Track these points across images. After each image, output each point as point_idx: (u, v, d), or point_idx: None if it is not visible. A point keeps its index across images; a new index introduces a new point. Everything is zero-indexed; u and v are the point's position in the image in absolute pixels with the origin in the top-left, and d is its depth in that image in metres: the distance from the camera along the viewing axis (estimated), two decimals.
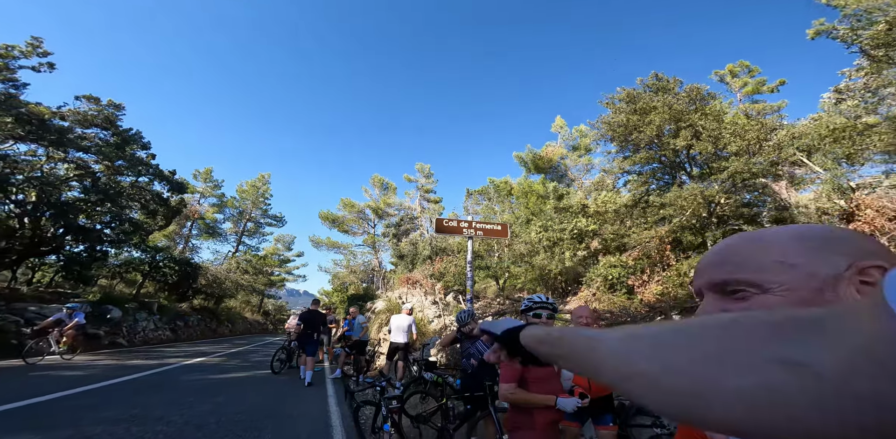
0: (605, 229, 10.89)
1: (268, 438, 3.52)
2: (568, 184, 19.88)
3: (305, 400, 5.33)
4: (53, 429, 3.32)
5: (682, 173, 10.74)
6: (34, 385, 5.24)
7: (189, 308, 20.21)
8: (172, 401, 4.68)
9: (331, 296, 25.21)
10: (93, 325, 11.70)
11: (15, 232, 12.55)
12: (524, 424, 2.04)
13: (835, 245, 0.44)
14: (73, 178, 13.62)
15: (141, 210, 15.69)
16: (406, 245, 20.68)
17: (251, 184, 34.16)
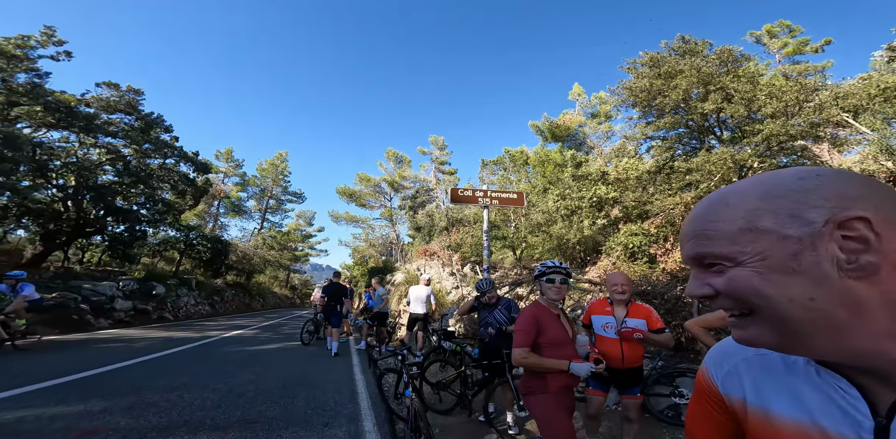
0: (626, 197, 10.55)
1: (300, 404, 3.84)
2: (587, 152, 19.45)
3: (333, 370, 5.72)
4: (119, 396, 3.77)
5: (711, 138, 10.29)
6: (98, 356, 5.85)
7: (223, 283, 21.35)
8: (216, 371, 5.18)
9: (352, 270, 26.06)
10: (141, 301, 12.65)
11: (61, 214, 13.39)
12: (538, 388, 2.04)
13: (807, 197, 0.40)
14: (105, 162, 14.28)
15: (171, 191, 16.35)
16: (422, 217, 20.75)
17: (270, 163, 34.81)
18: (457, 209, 18.23)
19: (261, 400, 3.91)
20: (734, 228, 0.43)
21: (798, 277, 0.40)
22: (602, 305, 2.82)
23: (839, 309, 0.39)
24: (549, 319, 2.09)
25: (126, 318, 11.27)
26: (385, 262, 23.42)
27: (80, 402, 3.54)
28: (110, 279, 12.81)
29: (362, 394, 4.37)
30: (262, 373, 5.17)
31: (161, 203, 15.62)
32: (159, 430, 2.91)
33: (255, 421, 3.24)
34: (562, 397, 2.02)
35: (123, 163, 14.34)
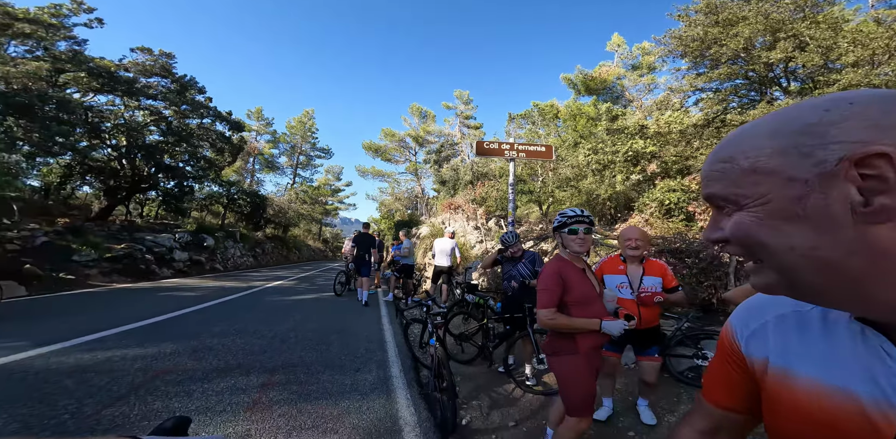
0: (667, 151, 9.99)
1: (335, 351, 4.19)
2: (625, 105, 18.13)
3: (363, 320, 6.09)
4: (184, 340, 4.28)
5: (775, 89, 9.44)
6: (165, 303, 6.56)
7: (263, 236, 22.63)
8: (262, 319, 5.71)
9: (379, 224, 26.79)
10: (195, 253, 13.77)
11: (118, 172, 14.44)
12: (565, 349, 1.91)
13: (826, 132, 0.35)
14: (150, 123, 15.00)
15: (210, 148, 17.10)
16: (447, 171, 20.56)
17: (298, 120, 35.25)
18: (482, 163, 17.78)
19: (300, 346, 4.30)
20: (738, 169, 0.39)
21: (802, 224, 0.36)
22: (614, 264, 2.61)
23: (853, 258, 0.35)
24: (575, 274, 1.92)
25: (184, 268, 12.42)
26: (410, 216, 23.74)
27: (153, 345, 4.03)
28: (167, 231, 13.91)
29: (390, 343, 4.64)
30: (300, 322, 5.65)
31: (203, 160, 16.49)
32: (218, 371, 3.34)
33: (296, 365, 3.64)
34: (590, 358, 1.91)
35: (166, 124, 15.07)
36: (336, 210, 40.80)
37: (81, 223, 11.74)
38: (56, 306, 6.03)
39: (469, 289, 4.67)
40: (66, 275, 8.46)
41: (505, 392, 3.34)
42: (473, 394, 3.26)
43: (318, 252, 34.58)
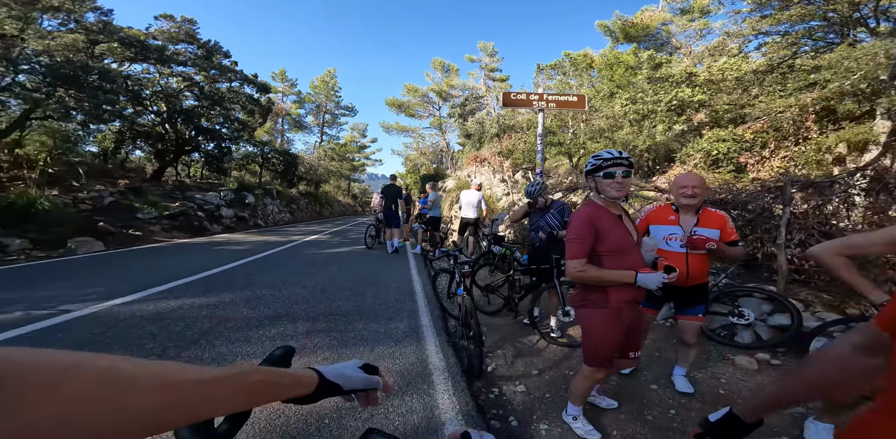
0: (718, 99, 8.89)
1: (369, 300, 4.23)
2: (670, 52, 15.97)
3: (393, 271, 6.04)
4: (238, 290, 4.45)
5: (860, 31, 8.18)
6: (219, 256, 6.81)
7: (297, 193, 22.85)
8: (303, 271, 5.86)
9: (405, 178, 26.60)
10: (239, 209, 14.09)
11: (164, 136, 14.50)
12: (594, 301, 1.69)
13: None
14: (184, 89, 14.68)
15: (242, 110, 16.80)
16: (472, 124, 19.34)
17: (321, 80, 33.71)
18: (509, 115, 16.49)
19: (337, 296, 4.38)
20: None
21: None
22: (664, 213, 2.20)
23: None
24: (609, 222, 1.65)
25: (231, 224, 12.80)
26: (436, 170, 23.00)
27: (214, 294, 4.20)
28: (213, 190, 14.18)
29: (419, 294, 4.60)
30: (336, 273, 5.75)
31: (236, 122, 16.29)
32: (270, 319, 3.48)
33: (334, 313, 3.74)
34: (622, 313, 1.66)
35: (199, 89, 14.73)
36: (363, 166, 40.53)
37: (140, 184, 12.01)
38: (130, 259, 6.38)
39: (496, 240, 4.43)
40: (134, 231, 8.84)
41: (529, 343, 3.30)
42: (498, 344, 3.25)
43: (348, 207, 34.95)
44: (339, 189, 36.81)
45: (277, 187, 19.87)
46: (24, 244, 6.56)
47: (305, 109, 34.22)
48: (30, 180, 8.82)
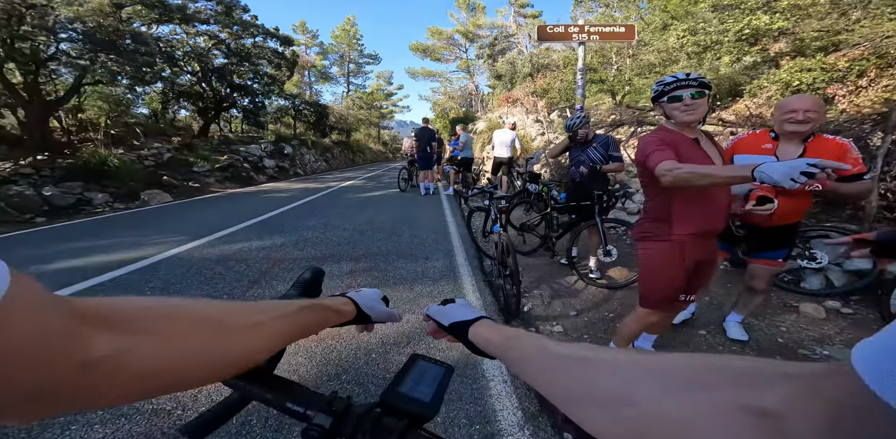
0: (805, 26, 7.08)
1: (405, 240, 4.15)
2: None
3: (427, 213, 5.83)
4: (288, 233, 4.45)
5: None
6: (267, 204, 6.83)
7: (330, 142, 22.36)
8: (341, 214, 5.79)
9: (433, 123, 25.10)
10: (279, 160, 14.02)
11: (202, 94, 14.11)
12: (656, 233, 1.43)
13: None
14: (212, 48, 13.80)
15: (269, 65, 15.80)
16: (503, 64, 17.13)
17: (341, 29, 30.59)
18: (542, 54, 14.34)
19: (376, 237, 4.30)
20: None
21: None
22: (758, 140, 1.65)
23: None
24: (686, 145, 1.34)
25: (274, 174, 12.85)
26: (465, 113, 21.26)
27: (268, 238, 4.23)
28: (254, 143, 14.06)
29: (454, 234, 4.43)
30: (373, 216, 5.64)
31: (265, 76, 15.46)
32: (317, 260, 3.47)
33: (375, 254, 3.67)
34: (686, 247, 1.38)
35: (225, 46, 13.82)
36: (391, 113, 38.60)
37: (190, 140, 12.00)
38: (194, 208, 6.54)
39: (531, 178, 3.98)
40: (193, 183, 9.03)
41: (567, 283, 3.04)
42: (535, 285, 3.02)
43: (379, 154, 34.31)
44: (369, 137, 35.76)
45: (311, 137, 19.47)
46: (106, 198, 6.84)
47: (329, 60, 31.88)
48: (97, 141, 8.97)
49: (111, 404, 0.23)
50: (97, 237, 4.32)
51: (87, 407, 0.25)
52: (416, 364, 0.42)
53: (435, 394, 0.38)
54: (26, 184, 6.34)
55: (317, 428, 0.33)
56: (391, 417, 0.34)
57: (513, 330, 0.40)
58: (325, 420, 0.34)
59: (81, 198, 6.58)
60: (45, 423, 1.43)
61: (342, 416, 0.34)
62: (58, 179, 6.76)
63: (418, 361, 0.43)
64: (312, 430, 0.33)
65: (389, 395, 0.37)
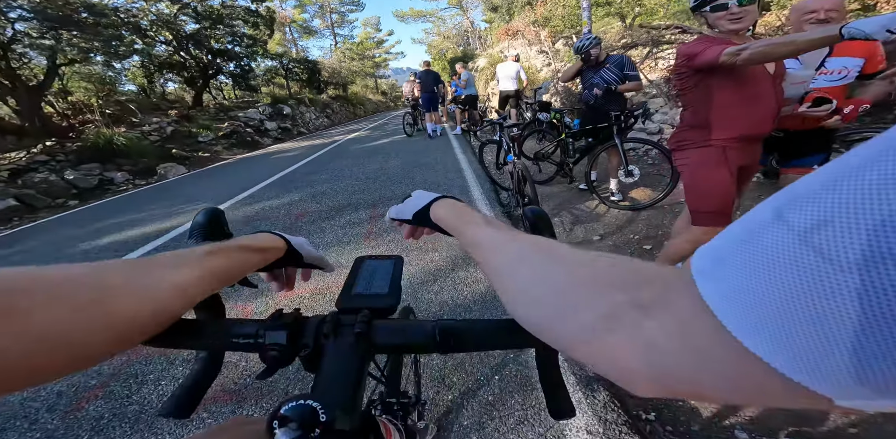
0: None
1: (419, 182, 4.04)
2: None
3: (438, 154, 5.67)
4: (303, 189, 4.42)
5: None
6: (277, 164, 6.74)
7: (328, 98, 21.23)
8: (352, 164, 5.67)
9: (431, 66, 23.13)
10: (280, 121, 13.55)
11: (184, 63, 13.19)
12: (693, 140, 1.34)
13: None
14: (178, 13, 12.36)
15: (245, 25, 14.35)
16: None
17: None
18: None
19: (389, 182, 4.23)
20: None
21: None
22: None
23: None
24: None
25: (278, 136, 12.52)
26: (463, 52, 19.57)
27: (285, 195, 4.23)
28: (251, 107, 13.51)
29: (467, 171, 4.35)
30: (383, 162, 5.51)
31: (245, 38, 14.18)
32: (336, 210, 3.44)
33: (390, 198, 3.61)
34: (729, 153, 1.28)
35: (192, 10, 12.40)
36: (385, 61, 35.59)
37: (187, 112, 11.64)
38: (210, 176, 6.57)
39: (542, 107, 3.77)
40: (202, 153, 8.97)
41: (587, 208, 2.92)
42: (554, 212, 2.90)
43: (380, 104, 32.44)
44: (367, 88, 33.54)
45: (308, 95, 18.47)
46: (125, 176, 6.95)
47: (309, 13, 28.53)
48: (97, 122, 8.84)
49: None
50: (130, 212, 4.45)
51: None
52: (363, 265, 0.40)
53: (391, 285, 0.35)
54: (47, 170, 6.46)
55: (274, 347, 0.28)
56: (351, 315, 0.31)
57: (470, 213, 0.39)
58: (279, 335, 0.29)
59: (103, 178, 6.70)
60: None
61: (297, 328, 0.30)
62: (74, 163, 6.84)
63: (365, 262, 0.40)
64: (270, 350, 0.28)
65: (344, 300, 0.34)
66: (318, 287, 2.05)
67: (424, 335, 0.30)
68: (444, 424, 1.15)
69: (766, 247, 0.12)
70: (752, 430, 1.06)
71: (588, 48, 2.74)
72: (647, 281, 0.19)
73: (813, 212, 0.11)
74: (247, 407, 1.31)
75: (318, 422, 0.22)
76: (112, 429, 1.27)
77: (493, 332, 0.30)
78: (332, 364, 0.28)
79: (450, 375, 1.37)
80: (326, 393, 0.26)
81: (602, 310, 0.19)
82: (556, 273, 0.24)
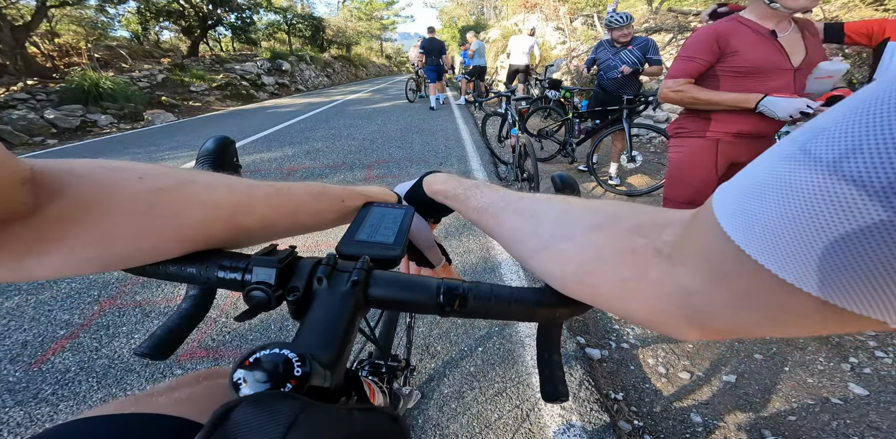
0: None
1: (418, 148, 3.84)
2: None
3: (439, 121, 5.40)
4: (297, 144, 4.13)
5: None
6: (272, 118, 6.28)
7: (330, 57, 19.80)
8: (350, 124, 5.31)
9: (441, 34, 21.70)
10: (278, 77, 12.62)
11: (183, 12, 12.10)
12: (690, 129, 1.29)
13: None
14: None
15: None
16: None
17: None
18: None
19: (387, 145, 3.99)
20: None
21: None
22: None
23: None
24: (750, 38, 1.09)
25: (275, 91, 11.71)
26: (476, 21, 18.28)
27: (278, 149, 3.96)
28: (249, 61, 12.49)
29: (467, 141, 4.14)
30: (382, 125, 5.19)
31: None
32: (330, 168, 3.22)
33: (387, 160, 3.40)
34: (720, 146, 1.22)
35: None
36: (393, 24, 32.83)
37: (181, 61, 10.69)
38: (201, 125, 6.08)
39: (552, 85, 3.52)
40: (193, 102, 8.34)
41: (584, 190, 2.78)
42: (551, 190, 2.73)
43: (383, 68, 30.46)
44: (371, 50, 31.30)
45: (310, 53, 17.14)
46: (110, 119, 6.42)
47: None
48: (84, 65, 8.18)
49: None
50: (111, 154, 4.12)
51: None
52: (371, 210, 0.35)
53: (397, 235, 0.31)
54: (26, 108, 5.89)
55: (260, 286, 0.24)
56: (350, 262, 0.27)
57: (469, 180, 0.36)
58: (268, 273, 0.24)
59: (86, 119, 6.17)
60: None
61: (288, 268, 0.25)
62: (56, 103, 6.27)
63: (372, 208, 0.35)
64: (255, 289, 0.24)
65: (345, 245, 0.30)
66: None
67: (427, 292, 0.25)
68: (425, 391, 1.11)
69: (794, 183, 0.11)
70: (705, 414, 1.08)
71: (622, 25, 2.49)
72: (664, 224, 0.18)
73: (840, 142, 0.10)
74: (224, 364, 1.22)
75: (291, 375, 0.18)
76: (78, 384, 1.15)
77: (504, 299, 0.25)
78: (321, 312, 0.24)
79: (434, 344, 1.29)
80: (308, 344, 0.22)
81: (627, 259, 0.18)
82: (576, 224, 0.22)
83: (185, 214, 0.23)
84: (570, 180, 0.36)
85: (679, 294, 0.16)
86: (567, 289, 0.22)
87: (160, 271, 0.25)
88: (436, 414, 1.05)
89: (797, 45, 1.10)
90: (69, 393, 1.13)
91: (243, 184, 0.27)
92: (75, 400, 1.10)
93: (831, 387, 1.16)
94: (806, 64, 1.11)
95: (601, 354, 1.29)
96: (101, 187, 0.21)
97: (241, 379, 0.18)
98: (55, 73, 7.70)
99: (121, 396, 1.12)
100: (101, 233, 0.20)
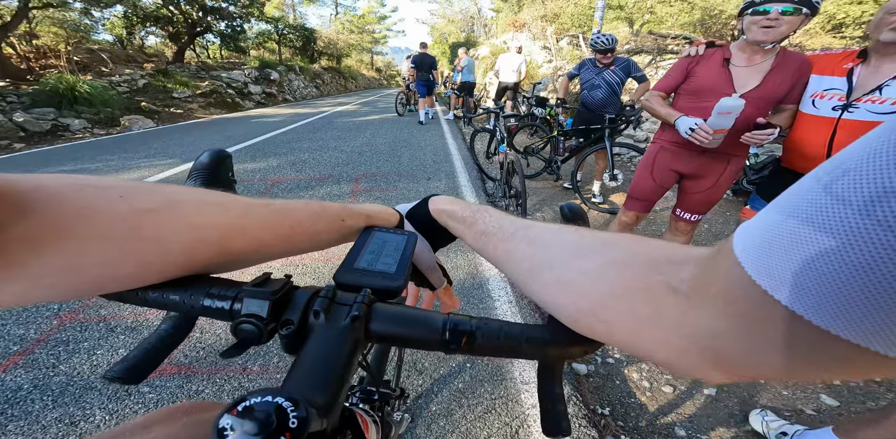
0: None
1: (406, 162, 3.87)
2: None
3: (427, 136, 5.49)
4: (283, 155, 4.10)
5: None
6: (257, 128, 6.24)
7: (320, 68, 20.04)
8: (338, 137, 5.33)
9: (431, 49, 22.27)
10: (266, 86, 12.64)
11: (171, 18, 12.09)
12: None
13: None
14: None
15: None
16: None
17: None
18: None
19: (375, 158, 4.01)
20: None
21: None
22: (835, 61, 1.13)
23: None
24: (710, 64, 1.28)
25: (261, 100, 11.69)
26: (466, 38, 18.78)
27: (263, 160, 3.91)
28: (236, 69, 12.48)
29: (455, 156, 4.20)
30: (371, 138, 5.24)
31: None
32: (316, 180, 3.20)
33: (375, 174, 3.41)
34: (663, 153, 1.45)
35: None
36: (385, 38, 33.78)
37: (165, 66, 10.59)
38: (181, 133, 5.96)
39: (539, 102, 3.65)
40: (175, 109, 8.21)
41: None
42: (537, 207, 2.85)
43: (373, 80, 30.96)
44: (361, 63, 31.87)
45: (299, 63, 17.32)
46: (84, 124, 6.22)
47: None
48: (61, 67, 8.02)
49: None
50: (82, 161, 3.95)
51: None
52: (372, 236, 0.34)
53: (400, 263, 0.30)
54: None
55: (251, 319, 0.22)
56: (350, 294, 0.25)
57: (477, 204, 0.35)
58: (260, 305, 0.23)
59: (57, 123, 5.96)
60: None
61: (283, 299, 0.24)
62: (27, 106, 6.05)
63: (374, 232, 0.34)
64: (245, 323, 0.22)
65: (343, 274, 0.28)
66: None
67: (432, 329, 0.24)
68: (413, 409, 1.10)
69: (824, 228, 0.11)
70: (688, 427, 1.11)
71: (604, 48, 2.61)
72: (679, 262, 0.18)
73: (868, 184, 0.10)
74: (196, 382, 1.17)
75: (286, 428, 0.16)
76: (31, 403, 1.09)
77: (514, 337, 0.24)
78: (317, 349, 0.22)
79: (421, 360, 1.29)
80: (303, 385, 0.20)
81: (643, 296, 0.18)
82: (591, 257, 0.22)
83: (169, 238, 0.21)
84: (580, 210, 0.35)
85: (703, 336, 0.15)
86: (579, 324, 0.21)
87: (139, 297, 0.24)
88: (424, 432, 1.04)
89: (754, 76, 1.20)
90: (20, 412, 1.06)
91: (236, 203, 0.25)
92: (26, 420, 1.04)
93: (805, 399, 1.22)
94: (754, 94, 1.19)
95: (587, 369, 1.32)
96: (76, 207, 0.19)
97: (229, 426, 0.15)
98: (29, 75, 7.47)
99: (78, 415, 1.06)
100: (72, 257, 0.18)
